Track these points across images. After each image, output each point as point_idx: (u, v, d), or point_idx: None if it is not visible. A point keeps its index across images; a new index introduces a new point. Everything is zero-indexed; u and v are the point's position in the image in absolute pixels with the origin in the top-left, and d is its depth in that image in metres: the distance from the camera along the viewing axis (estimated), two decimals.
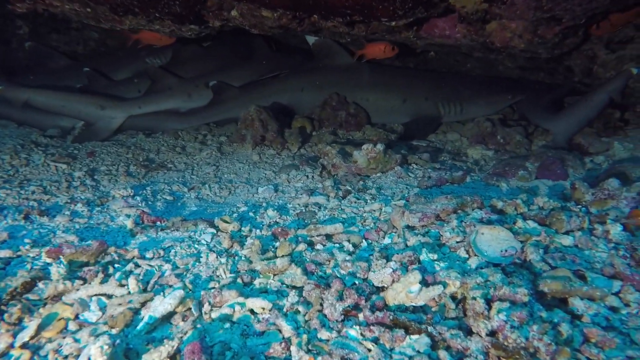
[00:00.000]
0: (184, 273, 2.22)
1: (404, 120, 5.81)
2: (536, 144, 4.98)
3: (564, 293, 1.76)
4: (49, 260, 2.23)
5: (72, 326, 1.76)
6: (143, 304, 1.90)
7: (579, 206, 2.63)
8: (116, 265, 2.22)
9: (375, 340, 1.65)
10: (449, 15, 3.29)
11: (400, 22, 2.96)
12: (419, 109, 5.70)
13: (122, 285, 2.01)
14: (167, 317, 1.84)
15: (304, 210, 3.17)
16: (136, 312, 1.85)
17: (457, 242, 2.34)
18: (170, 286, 2.09)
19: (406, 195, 3.38)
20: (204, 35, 3.88)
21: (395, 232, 2.57)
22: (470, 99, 5.59)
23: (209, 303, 1.91)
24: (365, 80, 5.84)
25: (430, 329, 1.66)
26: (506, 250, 2.13)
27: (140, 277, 2.14)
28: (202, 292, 1.97)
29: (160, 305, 1.81)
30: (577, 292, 1.74)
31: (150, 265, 2.25)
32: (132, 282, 2.01)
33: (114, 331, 1.75)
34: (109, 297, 1.97)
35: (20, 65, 6.62)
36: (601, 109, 4.14)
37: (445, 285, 1.87)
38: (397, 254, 2.12)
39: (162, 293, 2.00)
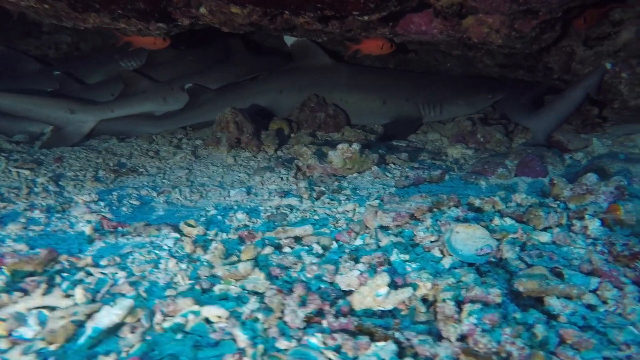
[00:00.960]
0: (140, 280, 2.06)
1: (384, 122, 5.72)
2: (516, 142, 4.93)
3: (540, 292, 1.65)
4: None
5: (2, 344, 1.59)
6: (89, 316, 1.74)
7: (558, 202, 2.55)
8: (64, 275, 2.05)
9: (338, 349, 1.51)
10: (424, 10, 3.21)
11: (373, 16, 2.85)
12: (399, 110, 5.62)
13: (68, 296, 1.85)
14: (115, 329, 1.69)
15: (275, 213, 3.03)
16: (80, 324, 1.69)
17: (432, 242, 2.22)
18: (123, 295, 1.93)
19: (382, 195, 3.27)
20: (175, 34, 3.73)
21: (368, 233, 2.45)
22: (451, 99, 5.53)
23: (162, 312, 1.76)
24: (344, 81, 5.75)
25: (397, 334, 1.53)
26: (482, 249, 2.02)
27: (91, 287, 1.97)
28: (156, 301, 1.82)
29: (105, 317, 1.65)
30: (554, 290, 1.64)
31: (103, 273, 2.08)
32: (79, 292, 1.85)
33: (52, 347, 1.59)
34: (52, 309, 1.80)
35: None
36: (578, 105, 4.11)
37: (415, 287, 1.75)
38: (366, 255, 1.99)
39: (112, 303, 1.84)
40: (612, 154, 3.72)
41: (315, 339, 1.56)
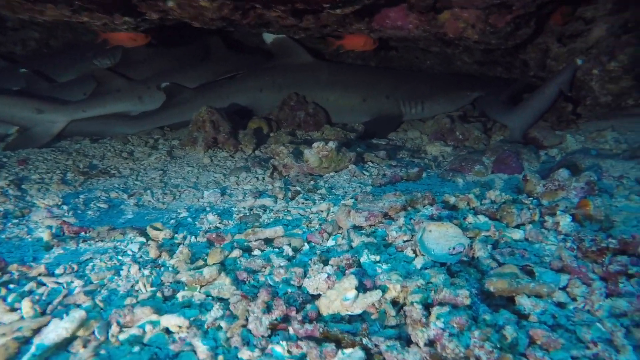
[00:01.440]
0: (98, 289, 1.95)
1: (364, 120, 5.67)
2: (494, 139, 4.92)
3: (511, 291, 1.61)
4: None
5: None
6: (36, 331, 1.63)
7: (531, 198, 2.52)
8: (12, 286, 1.93)
9: (303, 358, 1.44)
10: (400, 5, 3.15)
11: (346, 9, 2.78)
12: (379, 108, 5.57)
13: (13, 310, 1.73)
14: (65, 345, 1.58)
15: (248, 214, 2.94)
16: (26, 341, 1.58)
17: (405, 241, 2.16)
18: (78, 305, 1.82)
19: (358, 193, 3.21)
20: (143, 29, 3.60)
21: (340, 234, 2.38)
22: (431, 96, 5.50)
23: (118, 323, 1.66)
24: (324, 79, 5.68)
25: (365, 340, 1.47)
26: (454, 248, 1.97)
27: (42, 298, 1.86)
28: (113, 311, 1.71)
29: (53, 331, 1.54)
30: (524, 289, 1.59)
31: (57, 283, 1.97)
32: (26, 305, 1.73)
33: None
34: None
35: None
36: (553, 101, 4.11)
37: (385, 289, 1.68)
38: (335, 257, 1.92)
39: (64, 315, 1.73)
40: (584, 150, 3.73)
41: (279, 348, 1.49)
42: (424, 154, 4.69)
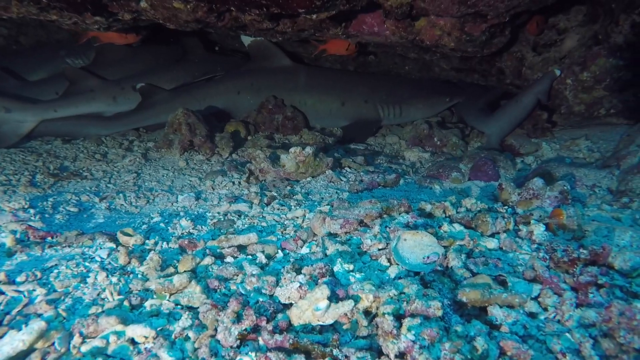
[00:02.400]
0: (61, 297, 1.87)
1: (343, 124, 5.67)
2: (472, 146, 4.99)
3: (483, 302, 1.61)
4: None
5: None
6: None
7: (506, 207, 2.55)
8: None
9: None
10: (376, 11, 3.16)
11: (322, 14, 2.77)
12: (358, 112, 5.58)
13: None
14: (22, 357, 1.50)
15: (222, 219, 2.88)
16: None
17: (379, 250, 2.15)
18: (39, 315, 1.74)
19: (335, 200, 3.19)
20: (117, 29, 3.51)
21: (315, 241, 2.36)
22: (410, 101, 5.54)
23: (81, 334, 1.59)
24: (303, 82, 5.66)
25: (335, 352, 1.44)
26: (428, 257, 1.96)
27: (0, 308, 1.77)
28: (75, 321, 1.64)
29: (8, 344, 1.47)
30: (497, 299, 1.60)
31: (17, 291, 1.88)
32: None
33: None
34: None
35: None
36: (530, 110, 4.19)
37: (357, 299, 1.66)
38: (308, 265, 1.89)
39: (23, 325, 1.65)
40: (559, 158, 3.81)
41: (248, 359, 1.45)
42: (402, 159, 4.71)
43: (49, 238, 2.52)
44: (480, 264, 1.86)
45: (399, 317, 1.51)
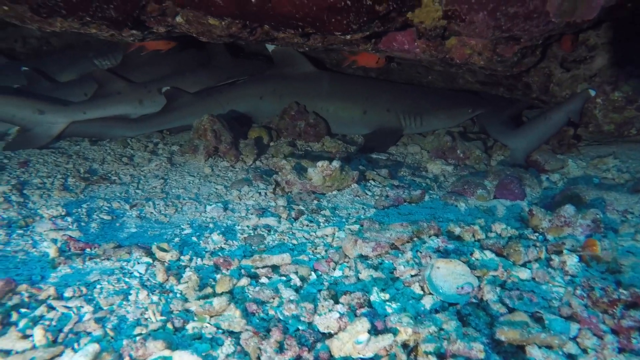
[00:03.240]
0: (107, 316, 1.95)
1: (364, 132, 5.70)
2: (495, 159, 4.99)
3: (522, 341, 1.64)
4: None
5: None
6: None
7: (537, 234, 2.56)
8: (23, 310, 1.91)
9: None
10: (408, 29, 3.17)
11: (355, 35, 2.80)
12: (380, 121, 5.60)
13: (25, 337, 1.72)
14: None
15: (252, 234, 2.94)
16: None
17: (412, 276, 2.19)
18: (88, 334, 1.82)
19: (362, 216, 3.23)
20: (149, 39, 3.58)
21: (347, 263, 2.40)
22: (432, 111, 5.54)
23: (130, 357, 1.66)
24: (325, 89, 5.69)
25: None
26: (462, 287, 2.00)
27: (52, 324, 1.85)
28: (124, 343, 1.71)
29: None
30: (535, 339, 1.62)
31: (67, 308, 1.96)
32: (38, 333, 1.73)
33: None
34: (6, 353, 1.67)
35: None
36: (559, 128, 4.17)
37: (396, 332, 1.70)
38: (346, 294, 1.94)
39: (75, 344, 1.73)
40: (586, 178, 3.79)
41: None
42: (425, 171, 4.73)
43: (88, 249, 2.61)
44: (515, 297, 1.88)
45: (440, 356, 1.55)
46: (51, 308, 1.95)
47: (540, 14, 2.77)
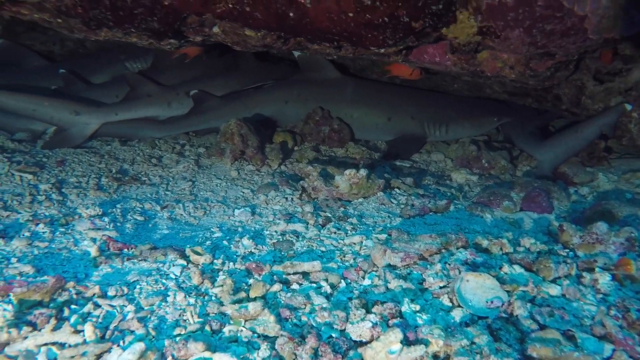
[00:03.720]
0: (148, 316, 2.04)
1: (388, 138, 5.73)
2: (520, 169, 4.96)
3: (554, 359, 1.66)
4: None
5: None
6: (99, 356, 1.73)
7: (567, 250, 2.56)
8: (73, 307, 2.02)
9: None
10: (439, 42, 3.20)
11: (389, 50, 2.85)
12: (404, 128, 5.62)
13: (77, 332, 1.83)
14: None
15: (281, 240, 3.01)
16: None
17: (441, 288, 2.22)
18: (132, 332, 1.91)
19: (388, 225, 3.27)
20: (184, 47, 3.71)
21: (375, 272, 2.45)
22: (457, 119, 5.54)
23: (173, 357, 1.74)
24: (350, 95, 5.74)
25: None
26: (492, 302, 2.02)
27: (99, 321, 1.95)
28: (166, 343, 1.80)
29: None
30: (568, 358, 1.64)
31: (111, 306, 2.06)
32: (88, 329, 1.83)
33: None
34: (62, 346, 1.78)
35: None
36: (590, 141, 4.11)
37: (427, 343, 1.75)
38: (378, 304, 1.99)
39: (121, 341, 1.83)
40: (618, 192, 3.74)
41: None
42: (449, 180, 4.73)
43: (126, 250, 2.72)
44: (546, 314, 1.90)
45: None
46: (97, 306, 2.06)
47: (578, 31, 2.77)
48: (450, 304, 2.10)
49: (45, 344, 1.77)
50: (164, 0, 2.64)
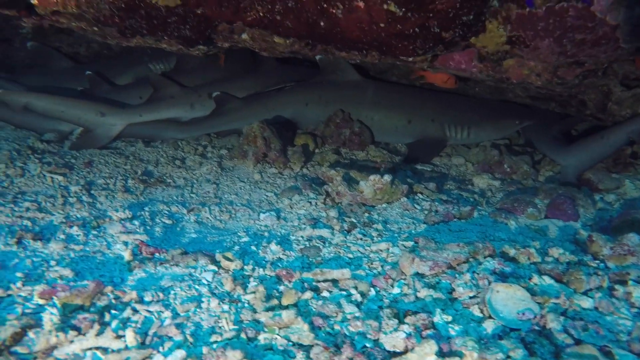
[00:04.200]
0: (185, 322, 2.10)
1: (408, 141, 5.72)
2: (543, 175, 4.92)
3: None
4: (41, 302, 2.11)
5: None
6: None
7: (597, 261, 2.55)
8: (113, 312, 2.09)
9: None
10: (466, 49, 3.20)
11: (417, 58, 2.87)
12: (424, 131, 5.61)
13: (119, 337, 1.89)
14: None
15: (308, 246, 3.06)
16: None
17: (470, 298, 2.24)
18: (170, 338, 1.97)
19: (413, 232, 3.29)
20: (212, 53, 3.77)
21: (404, 280, 2.47)
22: (478, 122, 5.50)
23: None
24: (370, 98, 5.74)
25: None
26: (523, 313, 2.03)
27: (138, 327, 2.02)
28: (204, 350, 1.85)
29: None
30: None
31: (149, 312, 2.13)
32: (129, 334, 1.89)
33: None
34: (105, 351, 1.85)
35: (22, 65, 6.49)
36: (617, 148, 4.06)
37: (462, 355, 1.77)
38: (410, 314, 2.02)
39: (160, 347, 1.89)
40: None
41: None
42: (471, 185, 4.72)
43: (157, 254, 2.79)
44: (580, 328, 1.90)
45: None
46: (135, 311, 2.13)
47: (609, 41, 2.74)
48: (481, 315, 2.12)
49: (90, 349, 1.84)
50: (197, 9, 2.70)
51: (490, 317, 2.08)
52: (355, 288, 2.40)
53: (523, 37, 2.80)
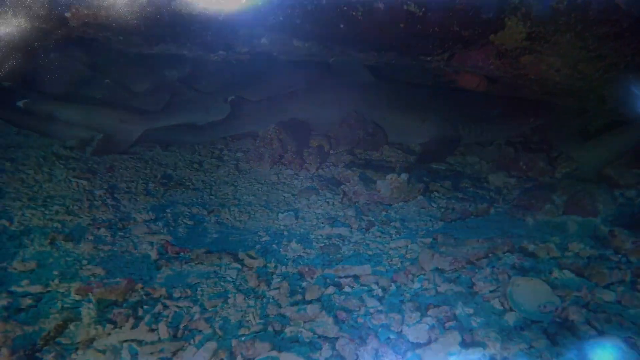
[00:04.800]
0: (213, 317, 2.18)
1: (422, 141, 5.73)
2: (560, 171, 4.89)
3: None
4: (77, 298, 2.20)
5: None
6: (174, 353, 1.87)
7: (619, 255, 2.55)
8: (145, 307, 2.18)
9: None
10: (483, 47, 3.22)
11: (435, 57, 2.91)
12: (438, 130, 5.61)
13: (152, 330, 1.98)
14: None
15: (327, 243, 3.11)
16: None
17: (490, 292, 2.27)
18: (200, 331, 2.05)
19: (431, 229, 3.32)
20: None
21: (424, 275, 2.51)
22: (492, 120, 5.50)
23: (242, 355, 1.86)
24: (384, 98, 5.78)
25: None
26: (545, 306, 2.06)
27: (169, 321, 2.10)
28: (234, 342, 1.92)
29: (193, 359, 1.77)
30: None
31: (178, 307, 2.21)
32: (162, 328, 1.98)
33: None
34: (140, 343, 1.93)
35: (43, 73, 6.67)
36: (638, 143, 4.01)
37: (484, 346, 1.81)
38: (431, 307, 2.06)
39: (192, 340, 1.96)
40: None
41: None
42: (486, 183, 4.72)
43: (182, 253, 2.88)
44: (603, 320, 1.92)
45: None
46: (165, 306, 2.21)
47: (634, 33, 2.72)
48: (502, 308, 2.15)
49: (126, 341, 1.92)
50: (219, 16, 2.79)
51: (511, 309, 2.11)
52: (377, 283, 2.45)
53: (543, 32, 2.80)
